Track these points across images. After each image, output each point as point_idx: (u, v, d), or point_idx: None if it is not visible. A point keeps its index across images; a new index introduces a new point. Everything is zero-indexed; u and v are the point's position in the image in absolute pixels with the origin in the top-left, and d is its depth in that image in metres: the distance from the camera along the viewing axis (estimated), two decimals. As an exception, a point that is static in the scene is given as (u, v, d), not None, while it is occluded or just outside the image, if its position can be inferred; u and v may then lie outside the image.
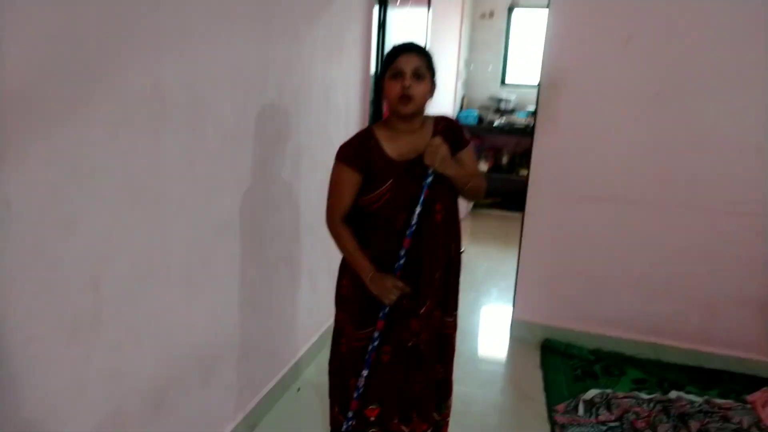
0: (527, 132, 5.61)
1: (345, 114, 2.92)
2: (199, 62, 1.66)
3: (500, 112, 5.91)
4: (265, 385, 2.37)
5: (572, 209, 2.91)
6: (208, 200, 1.81)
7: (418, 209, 1.71)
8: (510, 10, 5.90)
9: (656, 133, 2.70)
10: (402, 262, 1.73)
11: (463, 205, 5.43)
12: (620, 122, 2.74)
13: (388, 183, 1.72)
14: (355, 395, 1.80)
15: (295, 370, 2.62)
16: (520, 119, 5.76)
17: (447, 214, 1.81)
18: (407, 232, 1.72)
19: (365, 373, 1.78)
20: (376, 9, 3.05)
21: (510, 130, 5.72)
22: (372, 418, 1.85)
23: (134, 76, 1.42)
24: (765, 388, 2.62)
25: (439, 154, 1.68)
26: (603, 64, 2.71)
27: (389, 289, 1.70)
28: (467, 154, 1.86)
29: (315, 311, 2.81)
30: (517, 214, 3.10)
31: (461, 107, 6.00)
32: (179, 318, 1.75)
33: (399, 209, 1.74)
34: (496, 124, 5.78)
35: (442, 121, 1.85)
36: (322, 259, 2.78)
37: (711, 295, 2.80)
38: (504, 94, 5.96)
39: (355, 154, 1.74)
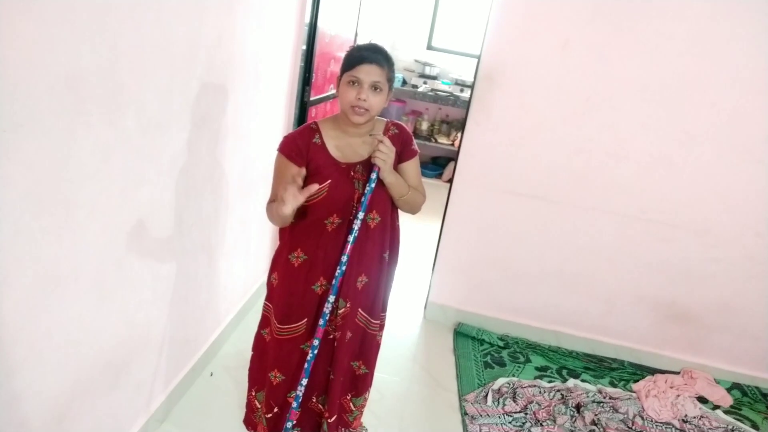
0: (449, 100, 5.64)
1: (274, 89, 2.73)
2: (120, 44, 1.44)
3: (424, 77, 5.85)
4: (177, 375, 2.27)
5: (494, 202, 2.96)
6: (125, 197, 1.62)
7: (360, 215, 1.70)
8: (442, -29, 5.75)
9: (581, 137, 2.78)
10: (344, 269, 1.73)
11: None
12: (549, 123, 2.79)
13: (328, 182, 1.70)
14: (294, 405, 1.81)
15: (209, 355, 2.52)
16: (443, 86, 5.74)
17: (383, 223, 1.80)
18: (349, 238, 1.72)
19: (304, 382, 1.79)
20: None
21: (433, 96, 5.69)
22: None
23: (42, 67, 1.20)
24: (649, 377, 2.91)
25: (389, 157, 1.66)
26: (540, 63, 2.71)
27: (285, 195, 1.58)
28: (412, 165, 1.85)
29: (230, 292, 2.70)
30: (433, 180, 3.09)
31: (386, 68, 5.86)
32: (88, 326, 1.59)
33: (332, 210, 1.73)
34: (420, 89, 5.72)
35: (392, 128, 1.82)
36: (240, 238, 2.65)
37: (611, 290, 3.01)
38: (429, 59, 5.89)
39: (297, 149, 1.70)
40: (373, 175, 1.68)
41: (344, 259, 1.72)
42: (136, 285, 1.80)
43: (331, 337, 1.86)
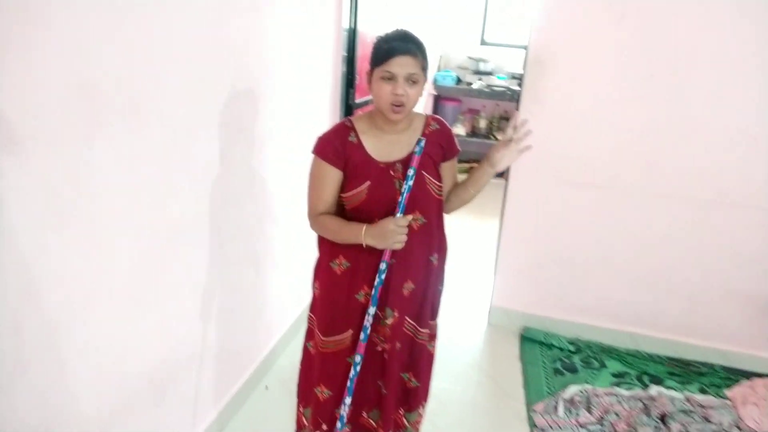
0: (506, 95, 5.42)
1: (316, 93, 2.67)
2: (137, 52, 1.41)
3: (478, 73, 5.66)
4: (229, 389, 2.22)
5: (555, 194, 2.75)
6: (156, 208, 1.59)
7: (399, 215, 1.57)
8: (491, -36, 5.56)
9: (646, 118, 2.53)
10: (383, 277, 1.61)
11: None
12: (610, 105, 2.56)
13: (365, 185, 1.59)
14: (338, 425, 1.72)
15: (264, 367, 2.47)
16: (499, 81, 5.53)
17: (428, 224, 1.67)
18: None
19: (348, 401, 1.69)
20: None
21: (489, 93, 5.49)
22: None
23: (52, 76, 1.17)
24: (745, 382, 2.59)
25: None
26: (594, 42, 2.49)
27: (393, 232, 1.54)
28: (455, 163, 1.77)
29: (283, 303, 2.64)
30: (495, 180, 2.94)
31: (438, 68, 5.72)
32: (125, 341, 1.56)
33: (374, 213, 1.61)
34: (474, 86, 5.54)
35: (432, 123, 1.71)
36: (289, 248, 2.60)
37: (693, 285, 2.71)
38: (483, 54, 5.70)
39: (334, 149, 1.60)
40: (410, 172, 1.56)
41: (383, 266, 1.60)
42: (175, 298, 1.76)
43: (380, 349, 1.74)
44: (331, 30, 2.73)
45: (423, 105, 5.43)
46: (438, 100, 5.79)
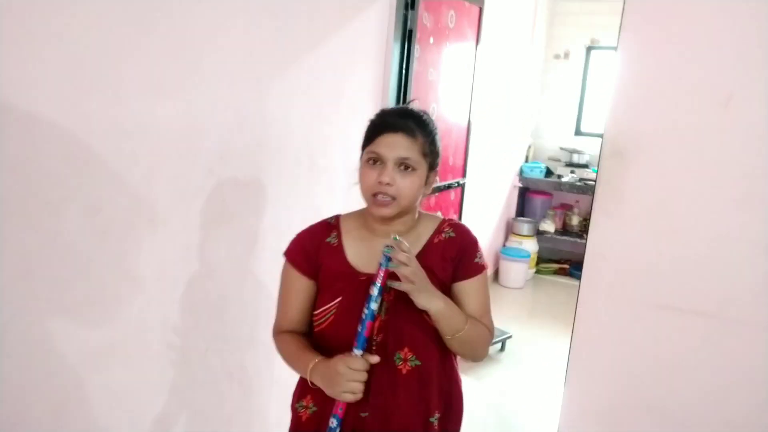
0: (602, 191, 4.83)
1: (345, 181, 2.33)
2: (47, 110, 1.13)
3: (572, 165, 5.14)
4: None
5: (641, 322, 2.12)
6: (86, 317, 1.26)
7: (357, 352, 1.13)
8: (588, 50, 5.16)
9: (769, 227, 1.90)
10: (334, 426, 1.15)
11: (522, 271, 4.64)
12: (715, 209, 1.96)
13: (335, 301, 1.21)
14: None
15: None
16: (593, 175, 4.96)
17: (425, 368, 1.20)
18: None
19: None
20: (395, 49, 2.44)
21: (582, 186, 4.93)
22: None
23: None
24: None
25: (415, 268, 1.10)
26: (692, 129, 1.95)
27: (342, 376, 1.09)
28: (474, 286, 1.26)
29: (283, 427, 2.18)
30: (569, 281, 2.38)
31: (526, 159, 5.28)
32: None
33: (340, 344, 1.18)
34: (565, 179, 5.01)
35: (446, 229, 1.28)
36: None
37: None
38: (577, 145, 5.19)
39: (304, 253, 1.26)
40: (374, 291, 1.11)
41: (333, 423, 1.14)
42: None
43: None
44: (367, 110, 2.42)
45: (507, 197, 4.97)
46: (525, 193, 5.31)
